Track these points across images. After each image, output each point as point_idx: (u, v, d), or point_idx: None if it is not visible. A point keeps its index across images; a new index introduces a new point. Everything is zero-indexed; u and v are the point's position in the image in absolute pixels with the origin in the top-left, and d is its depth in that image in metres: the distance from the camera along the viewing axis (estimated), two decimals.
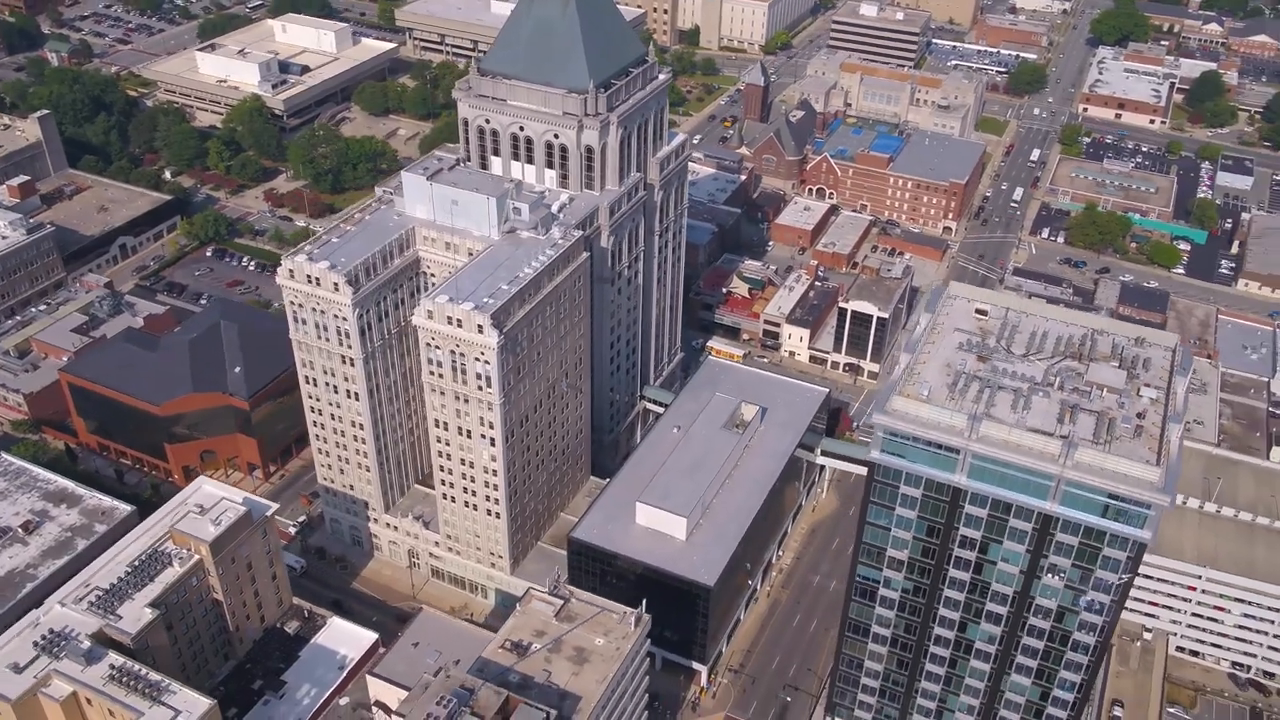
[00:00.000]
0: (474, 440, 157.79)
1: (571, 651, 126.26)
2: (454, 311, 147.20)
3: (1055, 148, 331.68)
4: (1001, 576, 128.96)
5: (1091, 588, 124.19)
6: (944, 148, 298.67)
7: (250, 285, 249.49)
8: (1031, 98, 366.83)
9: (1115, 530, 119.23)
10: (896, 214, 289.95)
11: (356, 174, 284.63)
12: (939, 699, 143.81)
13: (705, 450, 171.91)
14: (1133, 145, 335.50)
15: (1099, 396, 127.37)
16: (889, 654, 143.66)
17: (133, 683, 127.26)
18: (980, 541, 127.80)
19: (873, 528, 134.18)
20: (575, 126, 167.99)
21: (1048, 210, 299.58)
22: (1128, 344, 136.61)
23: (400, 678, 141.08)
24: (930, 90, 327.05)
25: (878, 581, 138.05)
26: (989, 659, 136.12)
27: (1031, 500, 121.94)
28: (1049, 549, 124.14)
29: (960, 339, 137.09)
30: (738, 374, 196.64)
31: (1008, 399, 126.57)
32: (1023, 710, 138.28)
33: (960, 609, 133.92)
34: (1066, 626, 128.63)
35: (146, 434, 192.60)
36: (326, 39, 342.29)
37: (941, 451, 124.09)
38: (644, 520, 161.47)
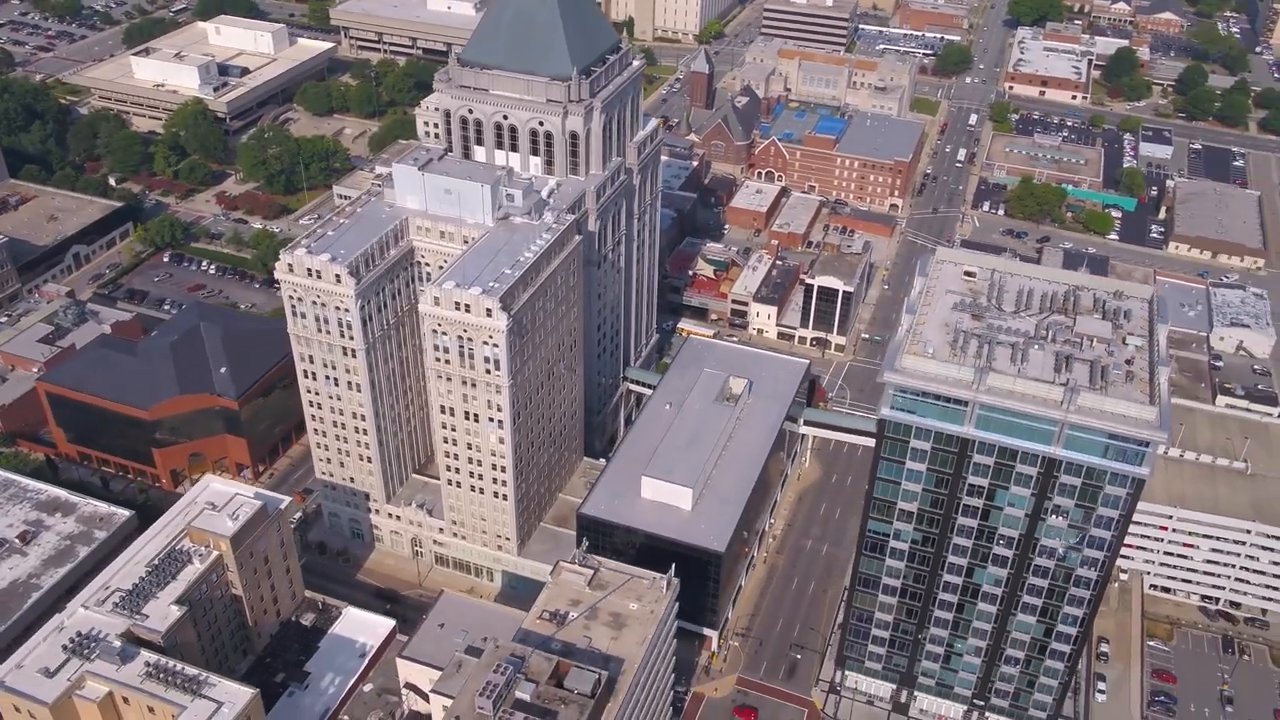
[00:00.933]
0: (481, 424, 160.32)
1: (608, 618, 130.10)
2: (461, 297, 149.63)
3: (987, 125, 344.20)
4: (1008, 521, 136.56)
5: (1094, 525, 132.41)
6: (885, 128, 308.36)
7: (213, 289, 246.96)
8: (959, 78, 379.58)
9: (1116, 469, 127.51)
10: (844, 193, 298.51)
11: (309, 174, 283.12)
12: (946, 644, 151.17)
13: (700, 424, 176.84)
14: (1058, 120, 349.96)
15: (1089, 346, 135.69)
16: (898, 604, 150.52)
17: (171, 678, 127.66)
18: (988, 489, 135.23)
19: (883, 482, 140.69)
20: (560, 113, 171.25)
21: (986, 185, 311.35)
22: (1108, 298, 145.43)
23: (429, 659, 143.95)
24: (866, 73, 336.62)
25: (888, 535, 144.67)
26: (995, 601, 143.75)
27: (1036, 446, 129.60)
28: (1053, 491, 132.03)
29: (954, 300, 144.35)
30: (720, 350, 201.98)
31: (1006, 353, 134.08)
32: (1028, 648, 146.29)
33: (968, 555, 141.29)
34: (1069, 565, 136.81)
35: (133, 439, 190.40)
36: (263, 40, 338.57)
37: (950, 404, 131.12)
38: (650, 494, 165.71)
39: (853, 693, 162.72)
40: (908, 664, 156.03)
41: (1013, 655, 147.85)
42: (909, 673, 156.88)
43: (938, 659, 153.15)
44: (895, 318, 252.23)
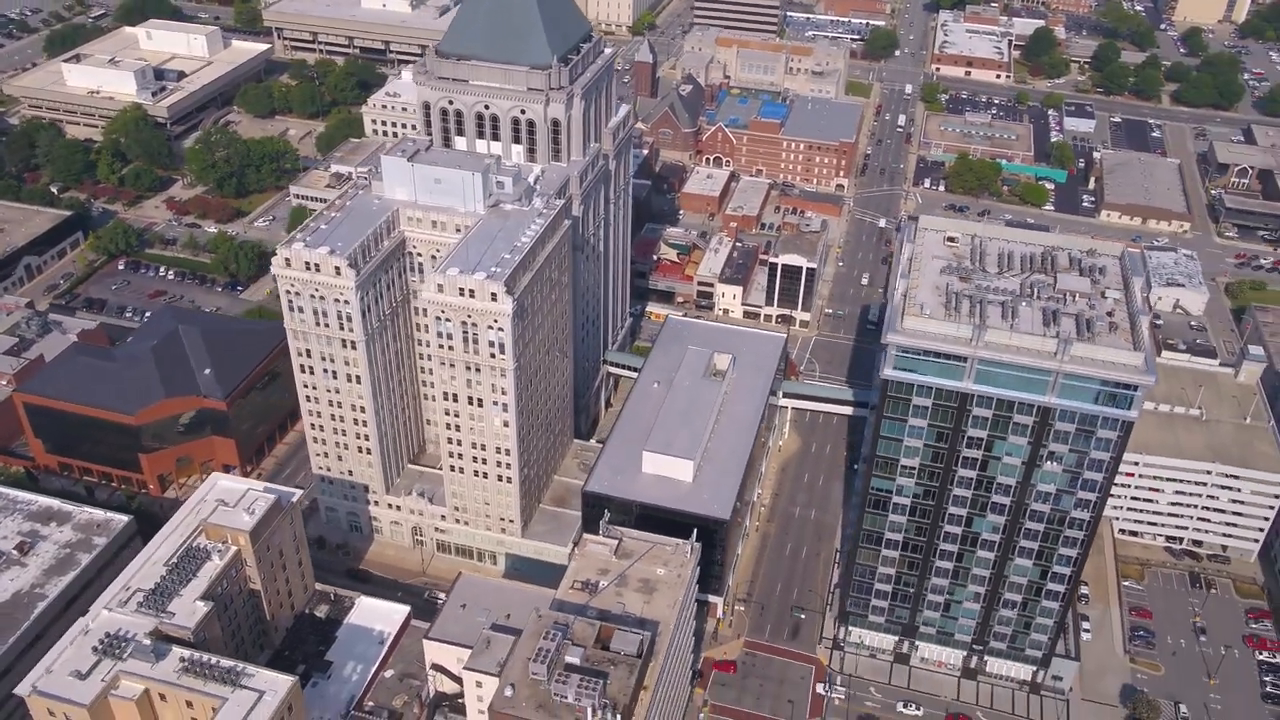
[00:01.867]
0: (485, 409, 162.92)
1: (638, 584, 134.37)
2: (466, 282, 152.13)
3: (919, 105, 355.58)
4: (1005, 470, 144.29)
5: (1086, 469, 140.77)
6: (826, 111, 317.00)
7: (174, 294, 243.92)
8: (886, 61, 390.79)
9: (1107, 414, 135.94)
10: (791, 176, 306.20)
11: (260, 176, 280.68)
12: (947, 593, 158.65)
13: (692, 399, 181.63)
14: (985, 99, 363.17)
15: (1072, 301, 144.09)
16: (900, 558, 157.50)
17: (208, 671, 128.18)
18: (986, 440, 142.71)
19: (886, 440, 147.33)
20: (542, 101, 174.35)
21: (924, 162, 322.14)
22: (1083, 256, 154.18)
23: (455, 638, 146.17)
24: (803, 59, 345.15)
25: (890, 491, 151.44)
26: (994, 548, 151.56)
27: (1032, 396, 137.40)
28: (1048, 439, 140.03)
29: (940, 264, 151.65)
30: (699, 329, 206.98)
31: (996, 311, 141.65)
32: (1025, 591, 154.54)
33: (968, 506, 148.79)
34: (1063, 508, 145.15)
35: (118, 446, 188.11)
36: (197, 43, 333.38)
37: (950, 361, 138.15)
38: (651, 468, 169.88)
39: (856, 647, 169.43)
40: (909, 615, 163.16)
41: (1010, 599, 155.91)
42: (910, 624, 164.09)
43: (938, 608, 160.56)
44: (853, 293, 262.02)
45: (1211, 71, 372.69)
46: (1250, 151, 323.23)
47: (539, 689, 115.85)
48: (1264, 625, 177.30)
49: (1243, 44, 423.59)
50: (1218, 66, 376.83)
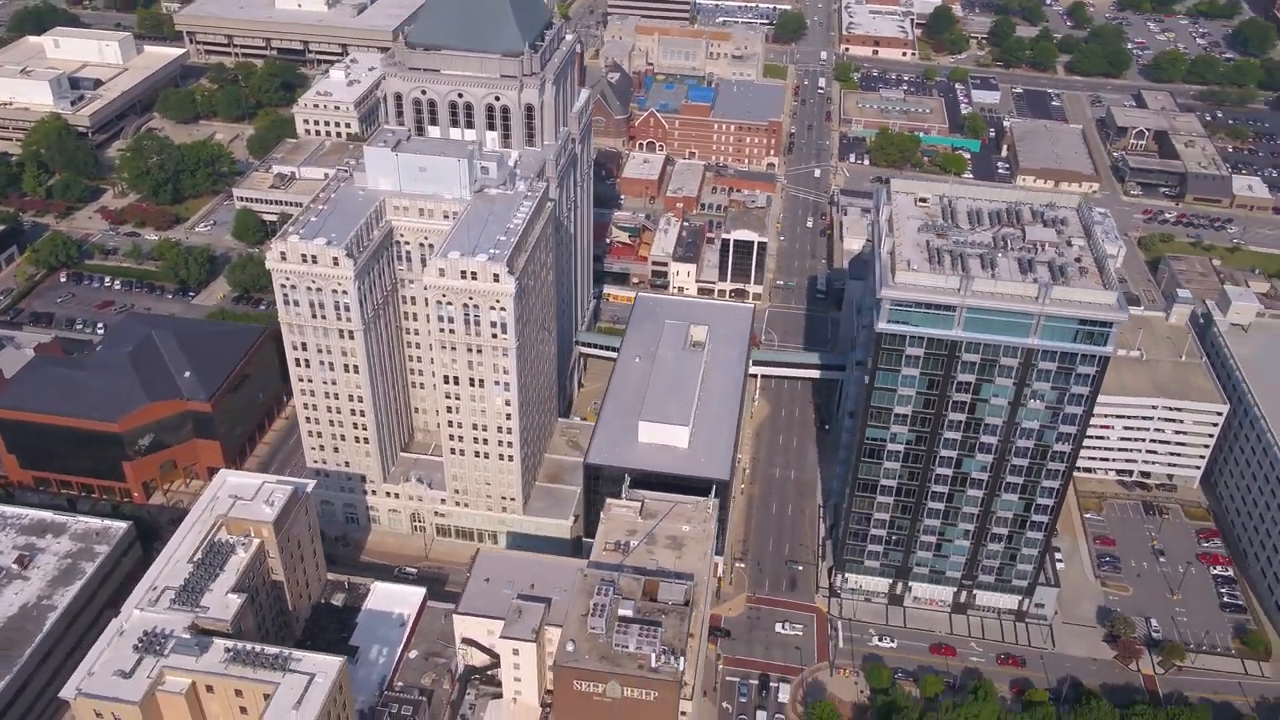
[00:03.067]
0: (487, 389, 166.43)
1: (666, 540, 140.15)
2: (468, 265, 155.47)
3: (835, 85, 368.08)
4: (992, 411, 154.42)
5: (1067, 404, 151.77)
6: (751, 92, 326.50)
7: (124, 304, 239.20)
8: (797, 44, 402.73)
9: (1085, 351, 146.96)
10: (723, 157, 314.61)
11: (195, 181, 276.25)
12: (938, 533, 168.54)
13: (676, 370, 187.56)
14: (895, 76, 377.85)
15: (1042, 250, 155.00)
16: (894, 503, 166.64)
17: (255, 659, 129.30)
18: (974, 384, 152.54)
19: (880, 391, 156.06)
20: (516, 87, 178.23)
21: (846, 138, 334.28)
22: (1044, 209, 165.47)
23: (484, 611, 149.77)
24: (722, 43, 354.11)
25: (884, 439, 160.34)
26: (982, 486, 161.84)
27: (1017, 339, 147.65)
28: (1032, 379, 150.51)
29: (916, 223, 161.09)
30: (669, 304, 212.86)
31: (976, 263, 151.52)
32: (1010, 525, 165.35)
33: (958, 448, 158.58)
34: (1046, 442, 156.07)
35: (99, 455, 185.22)
36: (109, 50, 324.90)
37: (940, 311, 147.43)
38: (647, 437, 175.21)
39: (852, 593, 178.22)
40: (903, 558, 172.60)
41: (997, 533, 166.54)
42: (904, 566, 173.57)
43: (931, 548, 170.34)
44: (798, 265, 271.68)
45: (1099, 42, 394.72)
46: (1144, 115, 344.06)
47: (598, 642, 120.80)
48: (1214, 544, 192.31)
49: (1122, 15, 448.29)
50: (1104, 37, 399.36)
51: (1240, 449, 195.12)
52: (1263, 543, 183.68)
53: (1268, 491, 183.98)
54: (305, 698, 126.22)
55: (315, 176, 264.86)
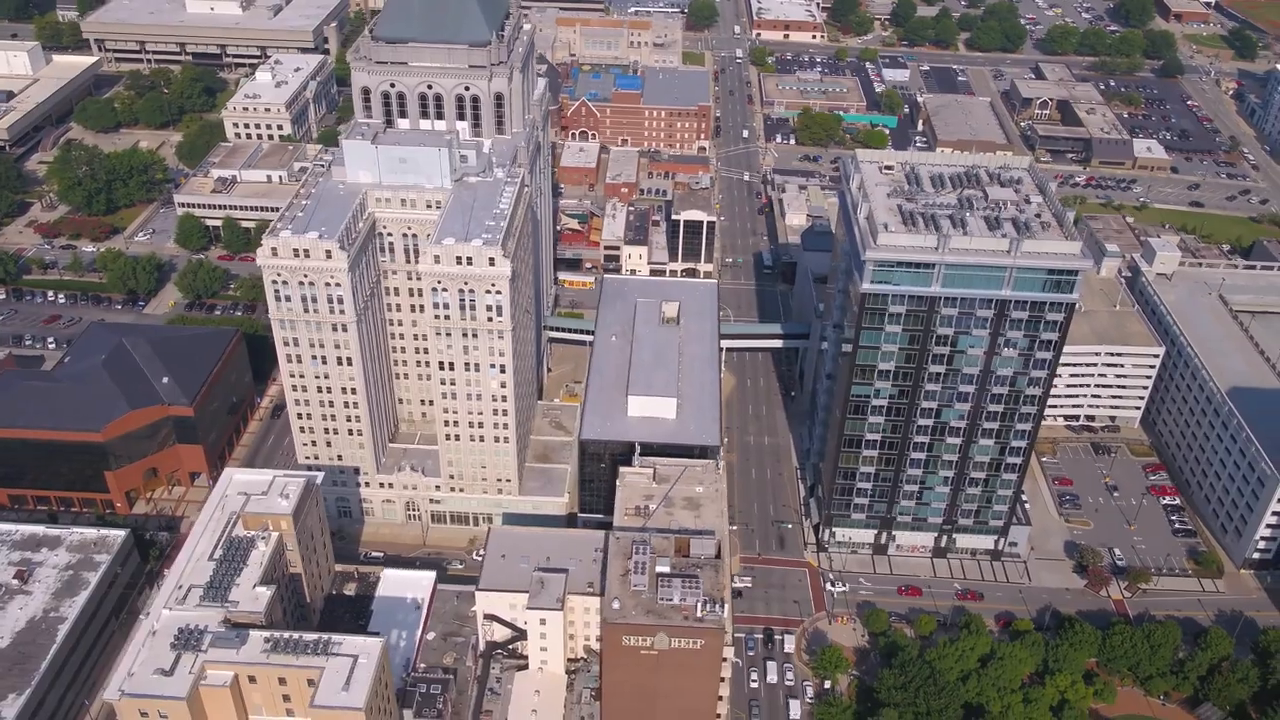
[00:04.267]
0: (482, 373, 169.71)
1: (683, 502, 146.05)
2: (463, 250, 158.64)
3: (752, 69, 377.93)
4: (969, 361, 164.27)
5: (1037, 350, 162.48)
6: (677, 78, 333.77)
7: (72, 317, 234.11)
8: (710, 31, 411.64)
9: (1054, 299, 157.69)
10: (655, 143, 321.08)
11: (129, 190, 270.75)
12: (920, 482, 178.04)
13: (655, 345, 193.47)
14: (808, 58, 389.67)
15: (1005, 208, 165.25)
16: (879, 456, 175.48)
17: (297, 645, 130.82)
18: (952, 337, 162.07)
19: (865, 350, 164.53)
20: (486, 76, 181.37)
21: (770, 120, 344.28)
22: (999, 171, 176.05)
23: (505, 586, 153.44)
24: (642, 32, 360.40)
25: (868, 395, 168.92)
26: (960, 434, 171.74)
27: (991, 291, 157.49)
28: (1005, 328, 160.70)
29: (885, 190, 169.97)
30: (635, 284, 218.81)
31: (946, 223, 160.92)
32: (987, 469, 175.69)
33: (937, 398, 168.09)
34: (1019, 388, 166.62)
35: (80, 467, 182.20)
36: (18, 61, 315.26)
37: (920, 269, 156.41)
38: (637, 410, 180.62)
39: (840, 546, 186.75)
40: (887, 508, 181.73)
41: (975, 478, 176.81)
42: (888, 516, 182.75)
43: (913, 496, 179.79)
44: (740, 243, 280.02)
45: (995, 19, 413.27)
46: (1045, 86, 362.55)
47: (642, 598, 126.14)
48: (1161, 476, 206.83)
49: None
50: (1000, 14, 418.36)
51: (1176, 387, 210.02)
52: (1204, 471, 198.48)
53: (1205, 424, 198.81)
54: (353, 678, 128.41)
55: (257, 179, 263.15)
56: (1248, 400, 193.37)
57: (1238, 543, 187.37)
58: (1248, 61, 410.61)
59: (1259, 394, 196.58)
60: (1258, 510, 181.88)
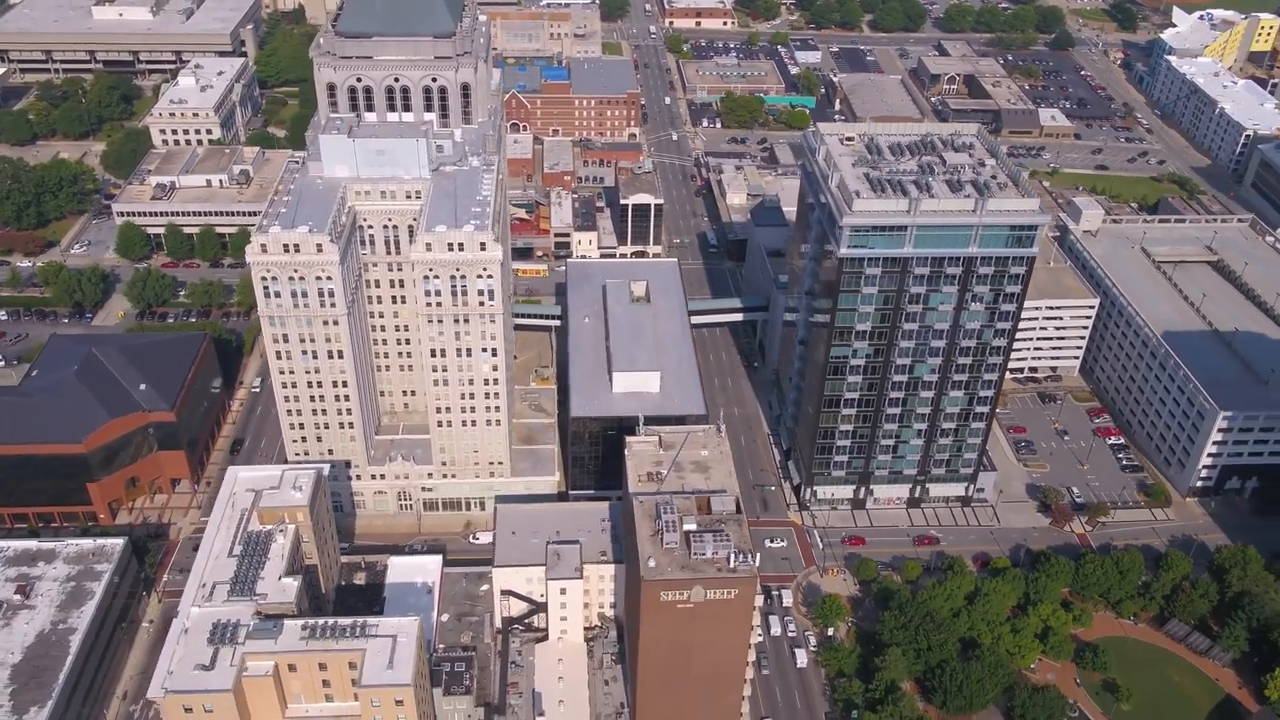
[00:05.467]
0: (474, 357, 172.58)
1: (692, 465, 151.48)
2: (455, 237, 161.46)
3: (670, 56, 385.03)
4: (939, 317, 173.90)
5: (1001, 303, 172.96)
6: (603, 68, 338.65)
7: (18, 333, 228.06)
8: (623, 20, 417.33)
9: (1015, 254, 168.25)
10: (586, 132, 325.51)
11: (59, 201, 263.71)
12: (896, 436, 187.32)
13: (630, 322, 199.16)
14: (722, 44, 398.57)
15: (964, 171, 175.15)
16: (857, 414, 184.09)
17: (335, 630, 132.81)
18: (924, 295, 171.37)
19: (843, 312, 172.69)
20: (453, 67, 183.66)
21: (694, 105, 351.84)
22: (951, 138, 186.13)
23: (520, 561, 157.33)
24: (562, 24, 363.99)
25: (847, 356, 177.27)
26: (932, 387, 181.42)
27: (959, 250, 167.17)
28: (972, 284, 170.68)
29: (850, 160, 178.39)
30: (598, 266, 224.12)
31: (912, 188, 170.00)
32: (957, 419, 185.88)
33: (911, 355, 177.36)
34: (985, 340, 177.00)
35: (63, 481, 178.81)
36: None
37: (893, 232, 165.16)
38: (622, 386, 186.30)
39: (820, 503, 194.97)
40: (865, 463, 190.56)
41: (946, 428, 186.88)
42: (866, 471, 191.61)
43: (889, 450, 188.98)
44: (682, 224, 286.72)
45: (897, 0, 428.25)
46: (951, 62, 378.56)
47: (674, 555, 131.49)
48: (1104, 419, 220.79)
49: None
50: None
51: (1111, 335, 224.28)
52: (1144, 410, 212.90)
53: (1143, 367, 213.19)
54: (395, 657, 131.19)
55: (197, 184, 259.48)
56: (1180, 343, 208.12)
57: (1181, 473, 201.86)
58: (1130, 33, 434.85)
59: (1188, 336, 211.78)
60: (1199, 442, 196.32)
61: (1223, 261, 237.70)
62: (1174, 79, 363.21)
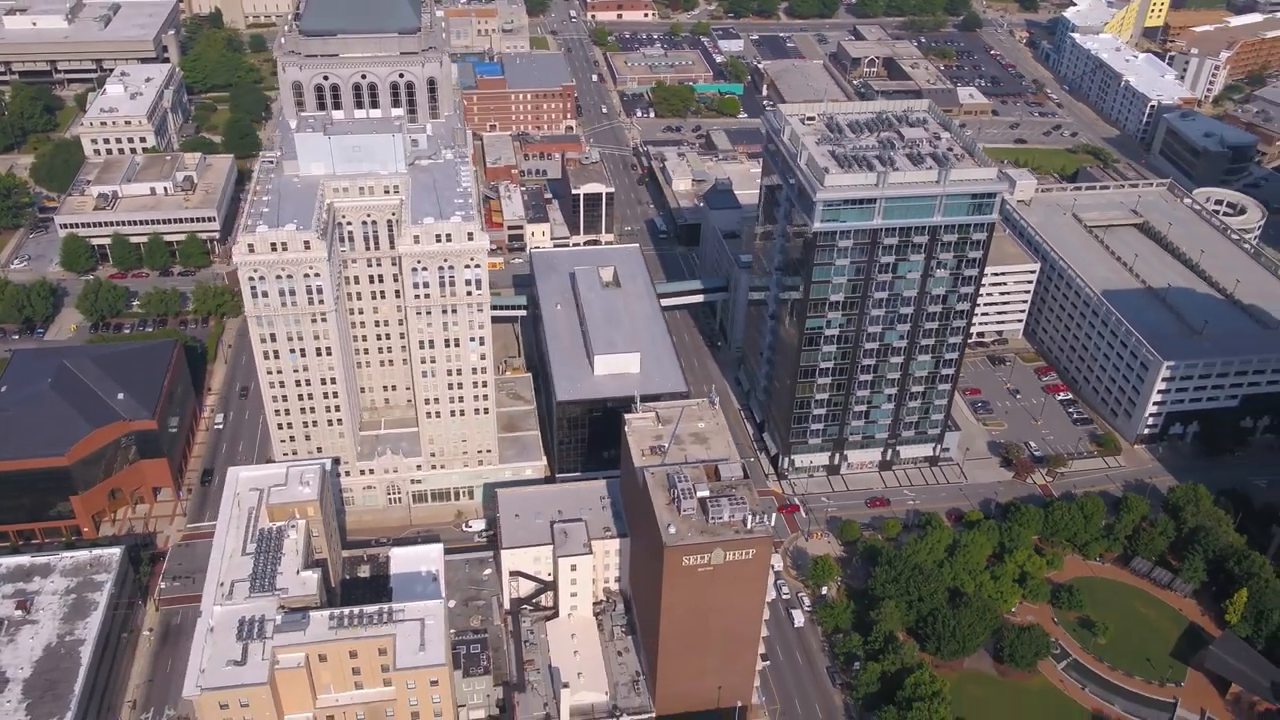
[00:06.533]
0: (462, 347, 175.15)
1: (690, 437, 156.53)
2: (443, 228, 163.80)
3: (596, 49, 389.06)
4: (908, 285, 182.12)
5: (964, 268, 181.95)
6: (535, 62, 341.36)
7: None
8: (546, 15, 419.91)
9: (978, 220, 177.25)
10: (523, 125, 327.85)
11: None
12: (868, 402, 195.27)
13: (605, 306, 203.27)
14: (646, 35, 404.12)
15: (921, 145, 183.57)
16: (831, 383, 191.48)
17: (361, 619, 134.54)
18: (893, 265, 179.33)
19: (818, 284, 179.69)
20: (419, 62, 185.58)
21: (625, 96, 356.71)
22: (905, 114, 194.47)
23: (527, 542, 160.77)
24: (490, 20, 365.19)
25: (821, 327, 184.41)
26: (900, 353, 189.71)
27: (924, 220, 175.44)
28: (937, 251, 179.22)
29: (814, 138, 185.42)
30: (563, 255, 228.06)
31: (876, 162, 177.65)
32: (924, 383, 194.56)
33: (881, 323, 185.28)
34: (950, 305, 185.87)
35: (45, 495, 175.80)
36: None
37: (864, 205, 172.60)
38: (603, 369, 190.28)
39: (797, 472, 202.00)
40: (839, 430, 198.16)
41: (915, 391, 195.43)
42: (840, 438, 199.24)
43: (862, 416, 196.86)
44: (629, 213, 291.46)
45: None
46: (869, 46, 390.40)
47: (693, 521, 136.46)
48: (1051, 377, 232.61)
49: None
50: None
51: (1053, 297, 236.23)
52: (1089, 366, 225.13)
53: (1086, 325, 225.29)
54: (426, 638, 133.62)
55: (141, 193, 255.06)
56: (1119, 301, 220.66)
57: (1129, 423, 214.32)
58: (1031, 13, 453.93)
59: (1126, 294, 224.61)
60: (1144, 392, 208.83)
61: (1148, 223, 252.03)
62: (1079, 55, 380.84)
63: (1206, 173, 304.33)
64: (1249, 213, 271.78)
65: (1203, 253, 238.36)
